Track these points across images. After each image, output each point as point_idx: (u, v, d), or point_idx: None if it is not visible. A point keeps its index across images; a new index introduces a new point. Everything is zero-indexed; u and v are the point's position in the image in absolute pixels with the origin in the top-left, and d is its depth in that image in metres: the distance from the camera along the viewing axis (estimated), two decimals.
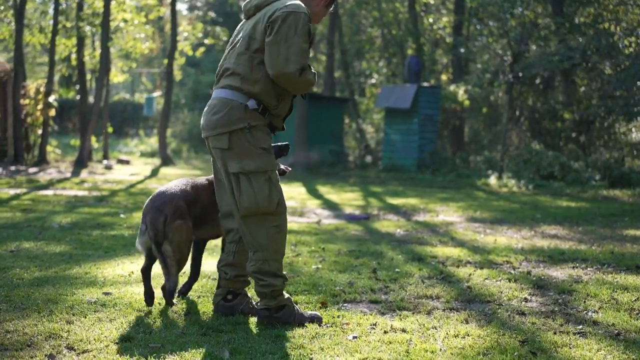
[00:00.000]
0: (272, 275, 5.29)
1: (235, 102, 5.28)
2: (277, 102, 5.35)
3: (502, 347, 4.74)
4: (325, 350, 4.64)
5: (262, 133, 5.30)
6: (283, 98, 5.38)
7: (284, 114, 5.48)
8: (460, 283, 6.81)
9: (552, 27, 23.86)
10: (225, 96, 5.32)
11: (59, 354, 4.44)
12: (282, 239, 5.35)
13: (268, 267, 5.27)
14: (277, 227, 5.32)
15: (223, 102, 5.31)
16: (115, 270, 7.02)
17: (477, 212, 13.27)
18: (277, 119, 5.47)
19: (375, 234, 10.33)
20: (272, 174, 5.29)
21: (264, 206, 5.24)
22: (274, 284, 5.28)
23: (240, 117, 5.26)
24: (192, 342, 4.72)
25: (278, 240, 5.31)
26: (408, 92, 24.00)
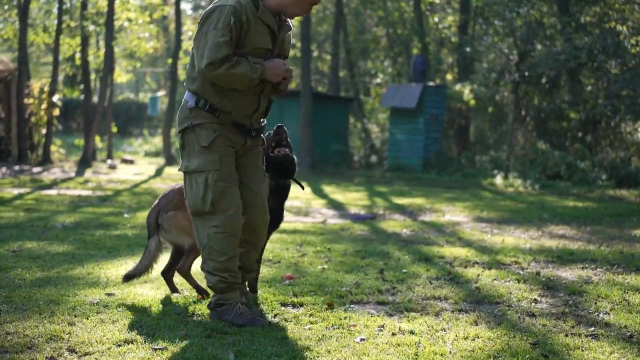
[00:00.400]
0: (209, 274, 5.34)
1: (185, 102, 5.40)
2: (220, 99, 5.29)
3: (513, 350, 4.64)
4: (333, 352, 4.54)
5: (206, 131, 5.28)
6: (227, 94, 5.29)
7: (242, 111, 5.37)
8: (469, 284, 6.70)
9: (558, 26, 23.73)
10: (184, 97, 5.47)
11: (60, 356, 4.35)
12: (222, 239, 5.29)
13: (206, 267, 5.35)
14: (217, 227, 5.27)
15: (182, 103, 5.46)
16: (118, 271, 6.92)
17: (483, 212, 13.16)
18: (240, 117, 5.38)
19: (381, 234, 10.23)
20: (210, 174, 5.25)
21: (198, 206, 5.28)
22: (210, 281, 5.36)
23: (186, 117, 5.35)
24: (196, 344, 4.62)
25: (218, 240, 5.28)
26: (414, 91, 23.88)
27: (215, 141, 5.28)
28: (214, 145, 5.28)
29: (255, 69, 5.19)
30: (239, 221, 5.33)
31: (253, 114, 5.42)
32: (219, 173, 5.26)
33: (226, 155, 5.32)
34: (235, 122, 5.36)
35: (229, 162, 5.34)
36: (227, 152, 5.34)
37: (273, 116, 27.32)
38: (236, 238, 5.34)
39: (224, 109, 5.31)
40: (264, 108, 5.54)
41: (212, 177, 5.24)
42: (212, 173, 5.25)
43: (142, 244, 8.58)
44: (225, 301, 5.34)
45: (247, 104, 5.37)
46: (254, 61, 5.21)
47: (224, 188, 5.27)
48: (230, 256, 5.30)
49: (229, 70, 5.12)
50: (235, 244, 5.35)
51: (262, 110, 5.51)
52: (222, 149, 5.31)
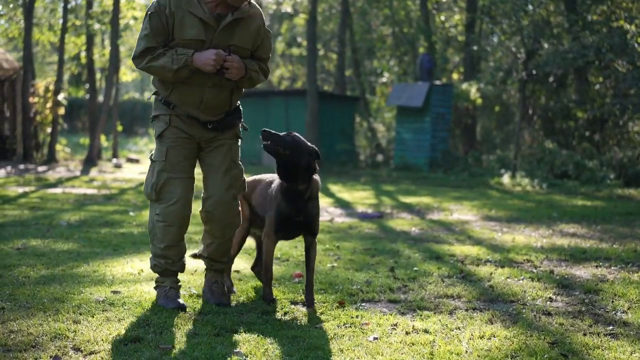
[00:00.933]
0: (151, 256, 5.61)
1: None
2: (165, 91, 5.43)
3: (531, 349, 4.50)
4: (345, 352, 4.41)
5: (159, 123, 5.47)
6: (169, 86, 5.40)
7: (187, 102, 5.40)
8: (482, 282, 6.57)
9: (565, 25, 23.57)
10: None
11: (64, 355, 4.22)
12: (162, 228, 5.45)
13: (150, 249, 5.64)
14: (158, 215, 5.46)
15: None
16: (124, 269, 6.80)
17: (492, 211, 13.01)
18: (189, 109, 5.42)
19: (390, 233, 10.09)
20: (157, 164, 5.43)
21: (147, 193, 5.53)
22: (150, 263, 5.60)
23: (153, 109, 5.58)
24: (204, 343, 4.48)
25: (159, 228, 5.47)
26: (420, 90, 23.72)
27: (164, 133, 5.43)
28: (163, 136, 5.44)
29: (178, 60, 5.22)
30: (179, 212, 5.43)
31: (200, 105, 5.43)
32: (164, 164, 5.40)
33: (174, 147, 5.42)
34: (189, 114, 5.43)
35: (176, 154, 5.43)
36: (176, 144, 5.43)
37: (279, 115, 27.27)
38: (175, 228, 5.45)
39: (171, 101, 5.42)
40: (217, 100, 5.49)
41: (157, 167, 5.43)
42: (158, 163, 5.43)
43: (147, 241, 8.45)
44: (160, 283, 5.57)
45: (191, 95, 5.41)
46: (181, 52, 5.25)
47: (167, 179, 5.40)
48: (168, 245, 5.47)
49: (149, 62, 5.28)
50: (175, 234, 5.47)
51: (210, 103, 5.46)
52: (171, 141, 5.42)
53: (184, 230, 5.54)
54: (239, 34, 5.42)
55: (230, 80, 5.41)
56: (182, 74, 5.24)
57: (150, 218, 5.51)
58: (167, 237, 5.44)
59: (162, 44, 5.31)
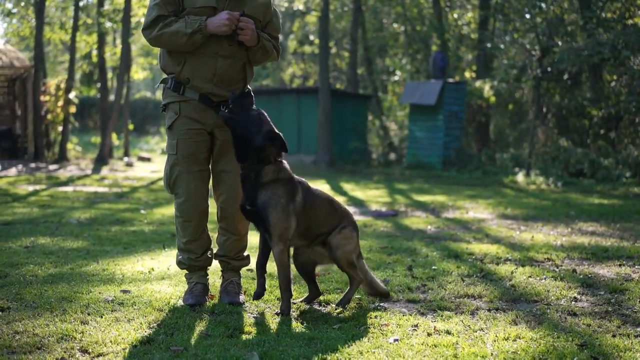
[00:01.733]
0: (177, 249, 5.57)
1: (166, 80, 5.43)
2: (176, 66, 5.25)
3: (560, 352, 4.29)
4: (365, 354, 4.20)
5: (170, 113, 5.33)
6: (181, 59, 5.24)
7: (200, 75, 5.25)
8: (503, 281, 6.35)
9: (579, 22, 23.30)
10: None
11: (71, 357, 4.04)
12: (181, 223, 5.42)
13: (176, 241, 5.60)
14: (177, 210, 5.44)
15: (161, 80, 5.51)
16: (134, 267, 6.62)
17: (507, 209, 12.79)
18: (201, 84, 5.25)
19: (405, 231, 9.88)
20: (171, 158, 5.33)
21: (165, 187, 5.47)
22: (177, 257, 5.57)
23: (163, 98, 5.41)
24: (217, 345, 4.29)
25: (178, 223, 5.46)
26: (433, 88, 23.48)
27: (175, 124, 5.28)
28: (174, 128, 5.29)
29: (191, 23, 5.09)
30: (193, 208, 5.34)
31: (213, 77, 5.26)
32: (174, 158, 5.29)
33: (184, 140, 5.26)
34: (202, 95, 5.25)
35: (188, 147, 5.28)
36: (187, 137, 5.27)
37: (291, 113, 27.08)
38: (192, 223, 5.37)
39: (183, 77, 5.22)
40: (230, 73, 5.33)
41: (170, 162, 5.32)
42: (171, 157, 5.33)
43: (159, 240, 8.33)
44: (188, 279, 5.50)
45: (204, 67, 5.24)
46: (194, 18, 5.12)
47: (179, 173, 5.30)
48: (189, 239, 5.41)
49: (162, 30, 5.12)
50: (194, 228, 5.39)
51: (223, 75, 5.30)
52: (182, 133, 5.26)
53: (204, 223, 5.43)
54: (250, 3, 5.30)
55: (243, 47, 5.25)
56: (196, 39, 5.09)
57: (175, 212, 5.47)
58: (187, 232, 5.39)
59: (173, 14, 5.17)
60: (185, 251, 5.42)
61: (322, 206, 5.38)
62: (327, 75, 25.22)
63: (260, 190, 5.07)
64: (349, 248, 5.36)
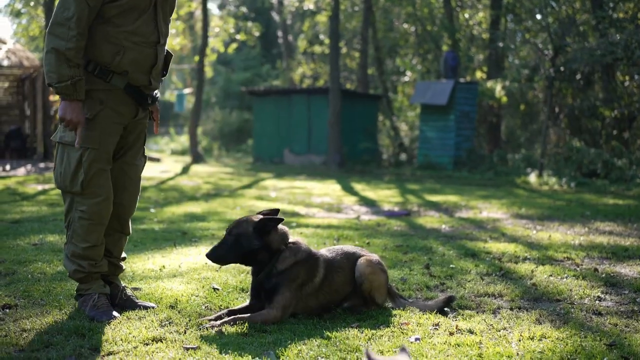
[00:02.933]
0: (67, 258, 4.87)
1: None
2: (112, 57, 4.74)
3: (588, 352, 4.12)
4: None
5: (91, 101, 4.74)
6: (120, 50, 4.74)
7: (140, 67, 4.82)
8: (523, 280, 6.18)
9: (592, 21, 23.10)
10: None
11: (80, 355, 3.88)
12: (87, 226, 4.78)
13: (66, 249, 4.88)
14: (83, 212, 4.78)
15: None
16: (145, 265, 6.47)
17: (522, 209, 12.59)
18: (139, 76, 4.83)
19: (420, 230, 9.70)
20: (87, 152, 4.71)
21: (66, 185, 4.78)
22: (67, 267, 4.88)
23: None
24: (232, 344, 4.13)
25: (82, 226, 4.79)
26: (445, 87, 23.29)
27: (99, 115, 4.75)
28: (98, 119, 4.75)
29: (73, 86, 4.61)
30: (107, 209, 4.83)
31: (152, 70, 4.89)
32: (96, 153, 4.75)
33: (109, 134, 4.80)
34: (132, 85, 4.82)
35: (110, 142, 4.83)
36: (111, 131, 4.81)
37: (302, 113, 26.92)
38: (102, 226, 4.84)
39: (118, 69, 4.75)
40: (163, 62, 5.04)
41: (88, 157, 4.73)
42: (90, 152, 4.73)
43: (169, 238, 8.19)
44: (84, 291, 4.85)
45: (145, 58, 4.83)
46: (81, 86, 4.66)
47: (98, 170, 4.76)
48: (92, 245, 4.80)
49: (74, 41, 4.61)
50: (101, 232, 4.85)
51: (160, 66, 4.98)
52: (106, 126, 4.78)
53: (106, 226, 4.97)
54: None
55: None
56: (54, 89, 4.65)
57: (70, 213, 4.83)
58: (92, 237, 4.80)
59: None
60: (84, 258, 4.78)
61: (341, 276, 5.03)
62: (337, 75, 25.04)
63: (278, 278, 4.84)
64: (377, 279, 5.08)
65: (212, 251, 4.80)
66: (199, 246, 7.68)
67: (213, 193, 14.75)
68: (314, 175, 21.00)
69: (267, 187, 16.78)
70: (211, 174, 21.29)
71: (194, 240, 8.14)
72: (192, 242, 8.01)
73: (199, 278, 5.85)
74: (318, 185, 17.48)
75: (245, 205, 12.48)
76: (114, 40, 4.73)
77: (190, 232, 8.80)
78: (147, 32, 4.82)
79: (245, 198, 13.81)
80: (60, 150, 4.79)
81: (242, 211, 11.60)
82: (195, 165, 25.38)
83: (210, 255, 4.78)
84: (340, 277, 4.98)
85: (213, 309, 4.95)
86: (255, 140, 29.08)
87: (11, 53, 24.19)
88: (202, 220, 10.31)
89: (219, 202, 12.92)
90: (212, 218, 10.56)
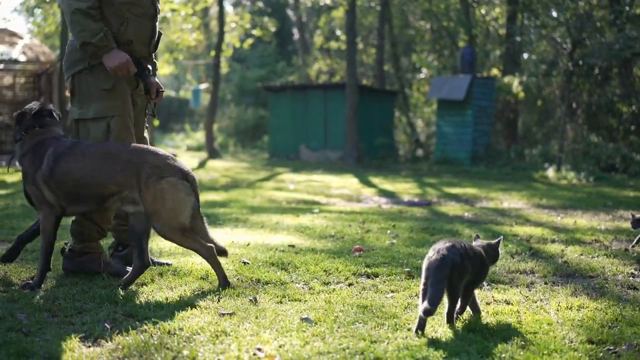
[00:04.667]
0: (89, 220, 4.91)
1: (72, 42, 4.88)
2: (119, 25, 4.86)
3: (629, 320, 4.04)
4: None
5: (106, 73, 4.80)
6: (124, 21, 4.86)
7: (141, 37, 4.96)
8: (554, 259, 6.10)
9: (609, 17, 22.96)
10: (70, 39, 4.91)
11: (115, 320, 3.82)
12: None
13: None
14: None
15: (69, 44, 4.93)
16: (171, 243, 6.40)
17: (542, 200, 12.49)
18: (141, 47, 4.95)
19: (443, 217, 9.62)
20: (113, 120, 4.79)
21: None
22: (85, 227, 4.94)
23: (79, 58, 4.83)
24: (268, 310, 4.07)
25: None
26: (462, 82, 23.16)
27: (117, 84, 4.85)
28: (116, 88, 4.84)
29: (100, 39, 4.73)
30: None
31: (150, 42, 5.05)
32: (122, 120, 4.84)
33: (127, 102, 4.92)
34: (134, 57, 4.91)
35: (130, 109, 4.95)
36: (128, 98, 4.93)
37: (318, 109, 26.86)
38: None
39: (123, 39, 4.86)
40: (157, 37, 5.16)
41: (116, 124, 4.81)
42: (116, 120, 4.81)
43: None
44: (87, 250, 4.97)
45: (145, 29, 5.00)
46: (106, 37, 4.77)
47: (127, 135, 4.86)
48: None
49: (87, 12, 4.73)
50: None
51: (156, 39, 5.13)
52: (124, 94, 4.89)
53: None
54: None
55: None
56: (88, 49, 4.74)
57: None
58: None
59: None
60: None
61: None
62: (354, 70, 24.97)
63: None
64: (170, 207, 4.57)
65: None
66: (224, 227, 7.63)
67: (231, 185, 14.70)
68: (331, 170, 20.94)
69: (285, 180, 16.73)
70: (228, 168, 21.26)
71: (218, 222, 8.09)
72: (217, 223, 7.96)
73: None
74: (335, 179, 17.41)
75: (264, 195, 12.43)
76: (118, 12, 4.86)
77: (214, 216, 8.75)
78: (147, 4, 4.98)
79: (264, 189, 13.77)
80: (82, 128, 4.87)
81: (262, 200, 11.55)
82: (211, 161, 25.35)
83: None
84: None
85: (244, 280, 4.89)
86: (271, 136, 29.02)
87: (27, 48, 24.21)
88: (224, 206, 10.27)
89: (239, 193, 12.88)
90: (233, 205, 10.52)
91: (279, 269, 5.30)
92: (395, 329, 3.76)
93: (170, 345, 3.37)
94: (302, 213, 9.36)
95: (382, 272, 5.26)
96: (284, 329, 3.68)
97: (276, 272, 5.17)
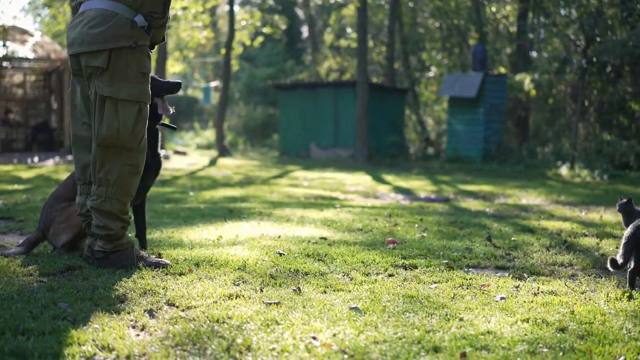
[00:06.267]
0: (110, 217, 4.74)
1: (121, 17, 4.63)
2: (163, 10, 4.78)
3: None
4: (474, 310, 3.87)
5: (144, 57, 4.71)
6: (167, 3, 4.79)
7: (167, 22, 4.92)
8: (590, 252, 6.00)
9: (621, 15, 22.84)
10: (108, 8, 4.64)
11: (159, 310, 3.73)
12: (134, 180, 4.80)
13: (109, 207, 4.73)
14: (132, 166, 4.76)
15: (105, 15, 4.63)
16: (200, 235, 6.34)
17: (561, 197, 12.40)
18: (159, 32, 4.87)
19: (466, 212, 9.53)
20: (144, 107, 4.70)
21: (124, 139, 4.66)
22: (109, 227, 4.74)
23: (125, 34, 4.62)
24: (314, 299, 3.98)
25: (129, 180, 4.77)
26: (474, 80, 23.04)
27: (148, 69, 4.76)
28: (147, 74, 4.75)
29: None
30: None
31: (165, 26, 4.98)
32: (147, 107, 4.76)
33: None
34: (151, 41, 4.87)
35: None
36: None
37: (329, 107, 26.78)
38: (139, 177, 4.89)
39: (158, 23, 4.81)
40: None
41: (144, 111, 4.72)
42: (144, 106, 4.71)
43: (217, 214, 8.10)
44: (118, 247, 4.82)
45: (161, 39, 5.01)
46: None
47: (146, 124, 4.78)
48: (131, 196, 4.85)
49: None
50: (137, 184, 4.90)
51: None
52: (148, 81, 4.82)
53: None
54: None
55: None
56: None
57: (114, 169, 4.71)
58: (133, 188, 4.84)
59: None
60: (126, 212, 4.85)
61: None
62: (365, 68, 24.89)
63: None
64: None
65: None
66: (250, 221, 7.55)
67: (245, 182, 14.65)
68: (343, 168, 20.86)
69: (298, 177, 16.65)
70: (239, 166, 21.20)
71: (243, 216, 8.01)
72: (242, 217, 7.88)
73: (260, 246, 5.72)
74: (348, 176, 17.34)
75: (281, 191, 12.37)
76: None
77: (237, 210, 8.67)
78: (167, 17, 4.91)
79: (279, 186, 13.71)
80: (111, 106, 4.63)
81: (280, 195, 11.48)
82: (222, 159, 25.29)
83: None
84: None
85: (283, 271, 4.80)
86: (282, 134, 28.96)
87: (38, 46, 24.15)
88: (244, 201, 10.20)
89: (255, 188, 12.82)
90: (253, 200, 10.44)
91: (315, 260, 5.22)
92: (447, 318, 3.67)
93: (222, 333, 3.28)
94: (324, 208, 9.27)
95: (420, 264, 5.17)
96: (334, 318, 3.59)
97: (313, 263, 5.08)
